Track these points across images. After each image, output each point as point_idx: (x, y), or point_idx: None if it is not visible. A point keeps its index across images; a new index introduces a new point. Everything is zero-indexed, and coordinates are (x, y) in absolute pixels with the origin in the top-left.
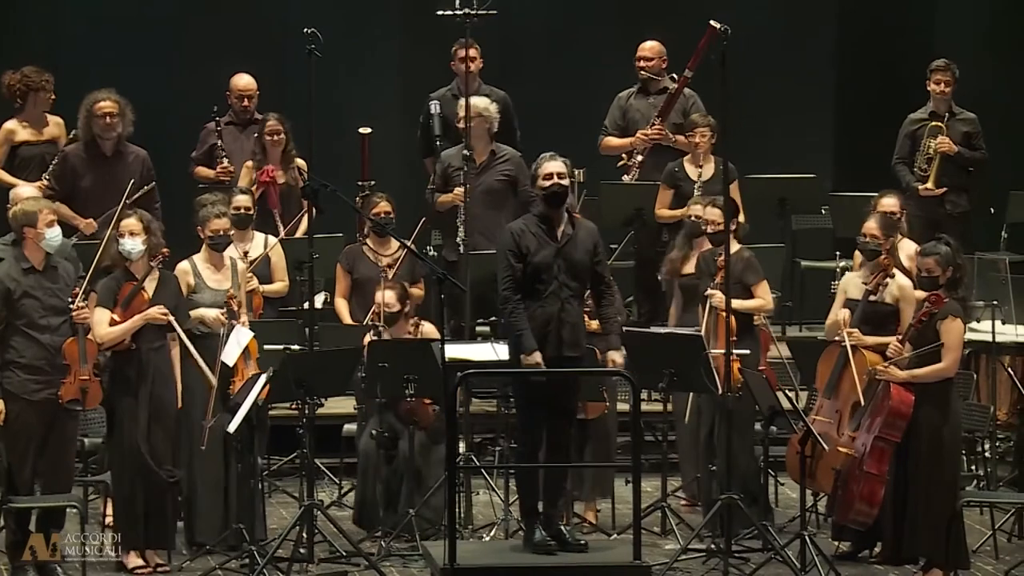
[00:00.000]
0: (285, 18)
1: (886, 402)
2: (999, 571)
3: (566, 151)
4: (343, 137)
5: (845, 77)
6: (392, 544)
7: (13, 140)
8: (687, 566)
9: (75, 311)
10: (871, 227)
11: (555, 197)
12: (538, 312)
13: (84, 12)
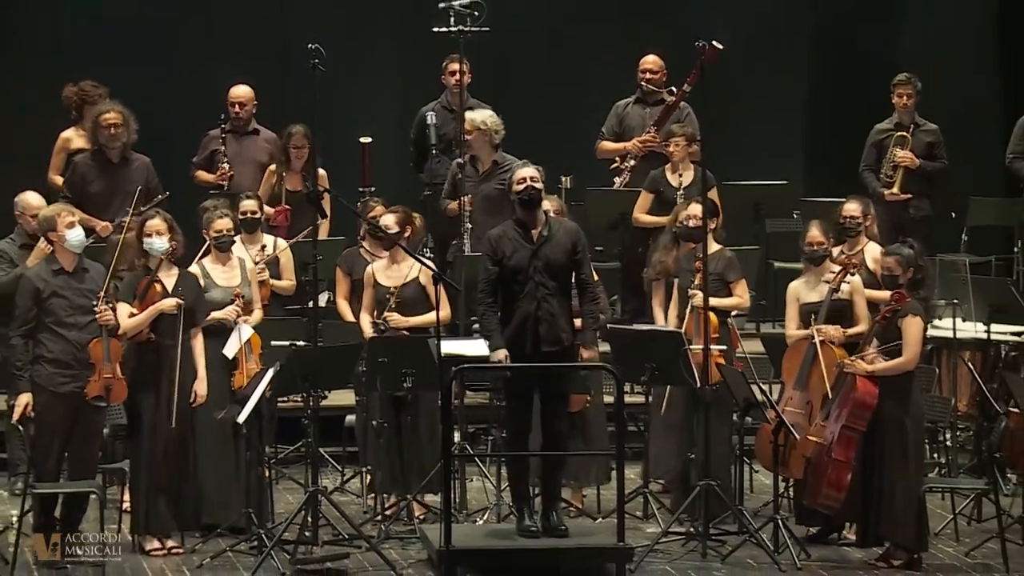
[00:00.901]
0: (287, 33)
1: (852, 394)
2: (959, 553)
3: (554, 159)
4: (343, 146)
5: (816, 91)
6: (392, 527)
7: (69, 148)
8: (667, 548)
9: (98, 312)
10: (814, 235)
11: (528, 200)
12: (516, 310)
13: (86, 15)
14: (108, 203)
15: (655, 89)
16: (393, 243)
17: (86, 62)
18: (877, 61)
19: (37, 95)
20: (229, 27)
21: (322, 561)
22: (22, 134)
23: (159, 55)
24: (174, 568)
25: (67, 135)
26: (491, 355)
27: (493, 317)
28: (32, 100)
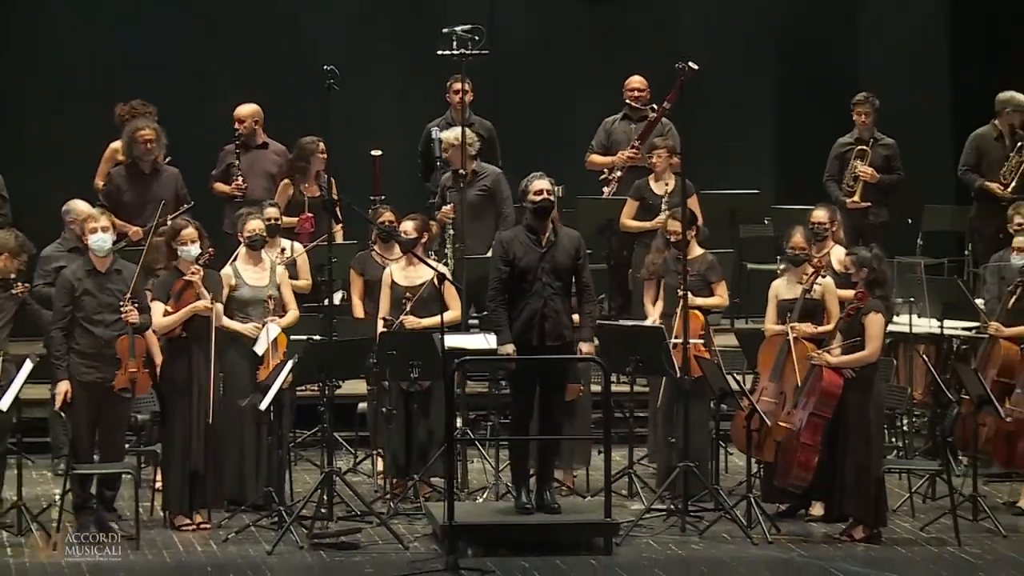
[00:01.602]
0: (300, 55)
1: (819, 384)
2: (915, 528)
3: (548, 169)
4: (354, 158)
5: (785, 109)
6: (400, 505)
7: (116, 158)
8: (650, 523)
9: (124, 312)
10: (798, 241)
11: (542, 211)
12: (525, 307)
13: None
14: (141, 210)
15: (639, 107)
16: (412, 247)
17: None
18: (839, 81)
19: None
20: (251, 53)
21: (336, 535)
22: (68, 146)
23: (188, 79)
24: (202, 542)
25: (116, 146)
26: (500, 348)
27: (503, 313)
28: (76, 116)
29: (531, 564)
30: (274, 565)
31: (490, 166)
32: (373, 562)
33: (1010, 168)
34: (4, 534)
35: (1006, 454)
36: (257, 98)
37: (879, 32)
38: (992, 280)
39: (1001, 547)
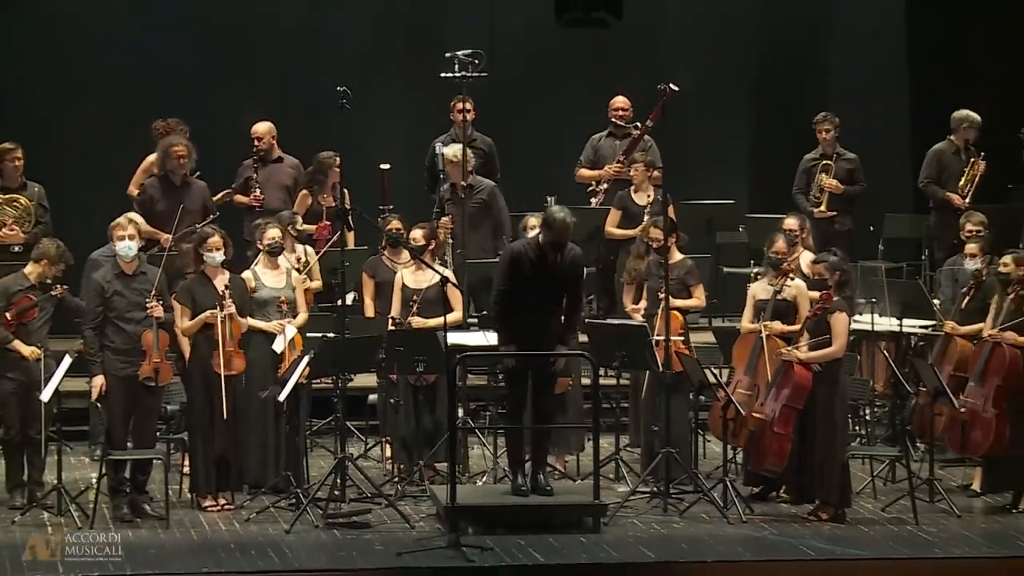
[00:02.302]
0: (316, 78)
1: (791, 378)
2: (877, 508)
3: (541, 181)
4: (365, 172)
5: (757, 126)
6: (406, 487)
7: (152, 170)
8: (635, 505)
9: (149, 308)
10: (780, 247)
11: (558, 240)
12: (525, 314)
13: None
14: (172, 219)
15: (623, 124)
16: (420, 253)
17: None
18: (808, 103)
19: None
20: (271, 74)
21: (348, 515)
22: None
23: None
24: (226, 521)
25: (152, 159)
26: (506, 361)
27: (504, 316)
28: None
29: (526, 542)
30: (292, 542)
31: (486, 180)
32: (382, 539)
33: (967, 180)
34: (45, 514)
35: (960, 441)
36: (275, 116)
37: (843, 59)
38: (947, 283)
39: (955, 526)
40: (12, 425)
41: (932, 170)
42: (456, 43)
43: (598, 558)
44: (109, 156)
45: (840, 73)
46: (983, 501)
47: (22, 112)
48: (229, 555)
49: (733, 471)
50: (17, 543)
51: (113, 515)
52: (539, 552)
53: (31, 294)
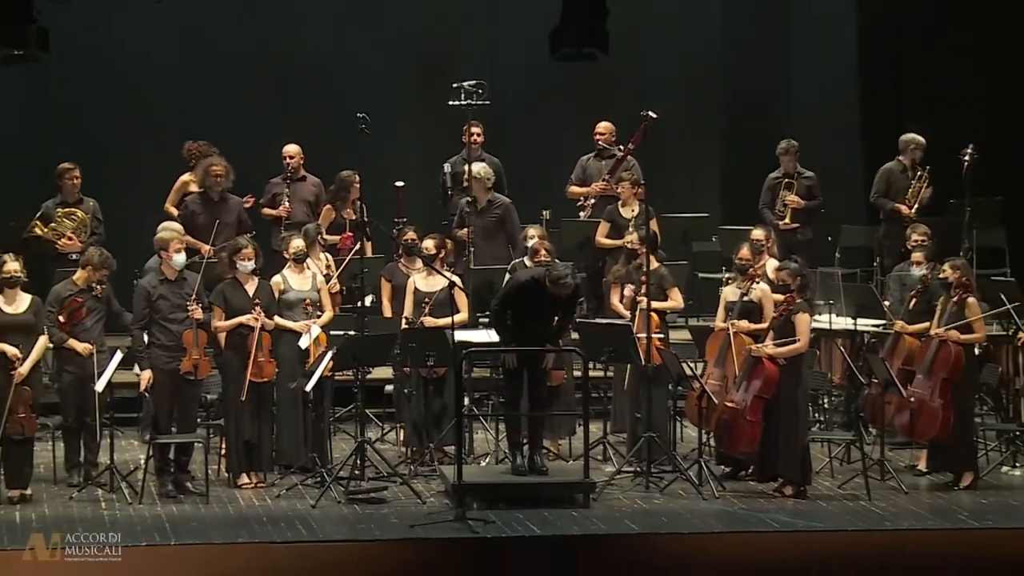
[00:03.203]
0: (338, 105)
1: (760, 371)
2: (834, 486)
3: (537, 197)
4: (382, 188)
5: (728, 149)
6: (418, 467)
7: (187, 189)
8: (620, 483)
9: (190, 310)
10: (745, 253)
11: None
12: (526, 322)
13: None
14: (209, 231)
15: (608, 147)
16: (432, 261)
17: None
18: (772, 127)
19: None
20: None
21: (367, 492)
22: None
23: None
24: (259, 497)
25: (186, 178)
26: (505, 358)
27: (505, 326)
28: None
29: (524, 515)
30: (317, 516)
31: (503, 197)
32: (397, 513)
33: (912, 193)
34: (99, 491)
35: (908, 427)
36: (303, 139)
37: (803, 89)
38: (895, 287)
39: (903, 501)
40: (70, 412)
41: (882, 186)
42: (462, 74)
43: (588, 530)
44: (155, 174)
45: (800, 102)
46: (928, 480)
47: (80, 135)
48: (262, 527)
49: (707, 453)
50: (74, 517)
51: (159, 492)
52: (535, 524)
53: (78, 297)
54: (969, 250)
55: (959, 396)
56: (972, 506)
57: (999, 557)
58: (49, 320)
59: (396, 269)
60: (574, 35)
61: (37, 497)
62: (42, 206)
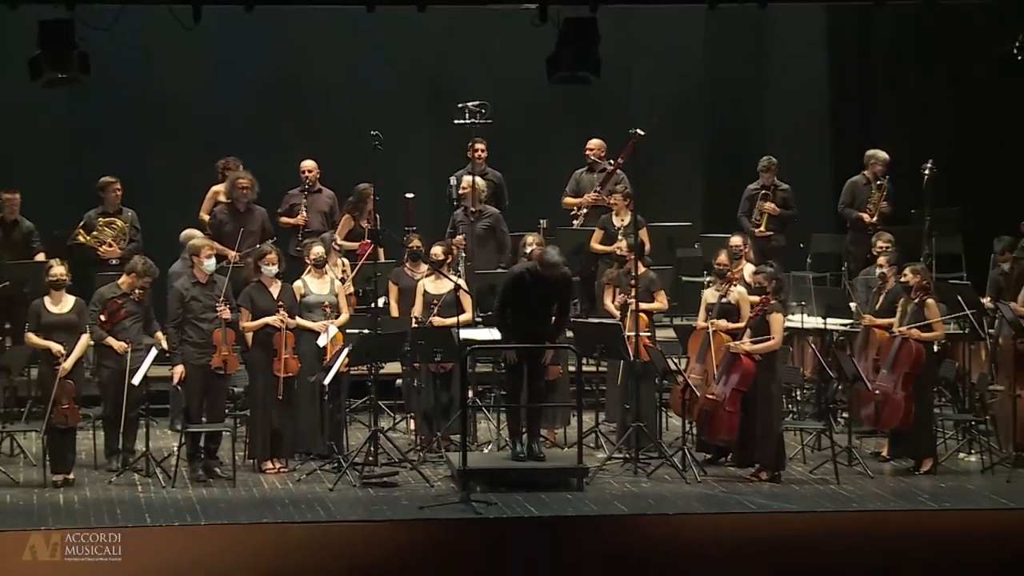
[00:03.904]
0: (354, 124)
1: (738, 366)
2: (806, 471)
3: (535, 207)
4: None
5: (709, 163)
6: (427, 454)
7: (216, 198)
8: (611, 468)
9: (219, 311)
10: (723, 259)
11: (550, 272)
12: (524, 318)
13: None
14: (235, 239)
15: (599, 161)
16: (439, 267)
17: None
18: (750, 144)
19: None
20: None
21: (380, 476)
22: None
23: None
24: (281, 481)
25: (216, 189)
26: (506, 355)
27: (506, 321)
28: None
29: (523, 497)
30: (334, 498)
31: (493, 208)
32: (407, 496)
33: (873, 203)
34: (136, 476)
35: (873, 417)
36: (321, 155)
37: (778, 110)
38: (862, 289)
39: (869, 485)
40: (109, 404)
41: (847, 197)
42: (466, 95)
43: (581, 511)
44: (187, 187)
45: (775, 121)
46: (891, 465)
47: (122, 152)
48: (284, 508)
49: (690, 441)
50: (113, 499)
51: (190, 476)
52: (533, 506)
53: (120, 300)
54: (929, 256)
55: (919, 389)
56: (931, 489)
57: (956, 536)
58: (92, 318)
59: (402, 273)
60: (569, 60)
61: (79, 481)
62: (85, 216)
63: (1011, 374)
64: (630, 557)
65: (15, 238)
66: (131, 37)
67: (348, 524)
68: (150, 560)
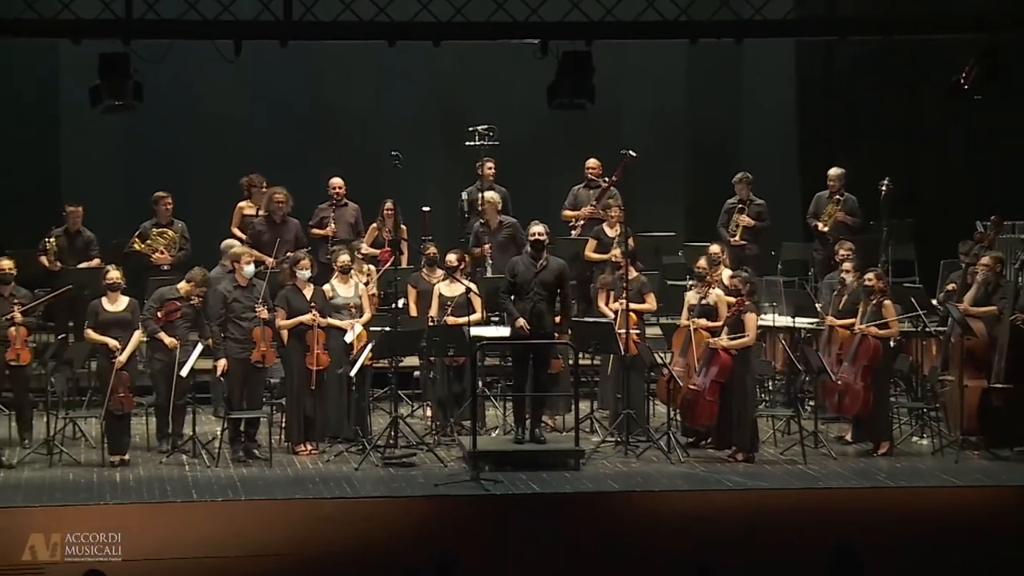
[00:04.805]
0: (377, 144)
1: (717, 360)
2: (777, 453)
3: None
4: (411, 212)
5: (691, 179)
6: (441, 438)
7: (243, 212)
8: (604, 450)
9: (257, 311)
10: (702, 264)
11: (537, 244)
12: (521, 306)
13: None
14: (272, 247)
15: (595, 179)
16: (453, 272)
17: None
18: (729, 162)
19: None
20: (342, 141)
21: (400, 457)
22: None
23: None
24: (312, 461)
25: (242, 205)
26: (516, 322)
27: (511, 304)
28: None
29: (527, 476)
30: (359, 476)
31: (511, 218)
32: (424, 475)
33: (828, 214)
34: (183, 457)
35: (837, 405)
36: (347, 173)
37: (754, 131)
38: (826, 292)
39: (832, 465)
40: (161, 392)
41: (812, 208)
42: (476, 120)
43: (578, 488)
44: (230, 201)
45: (749, 143)
46: (853, 448)
47: (170, 169)
48: (315, 485)
49: (674, 426)
50: (163, 477)
51: (232, 457)
52: (535, 484)
53: (178, 302)
54: (885, 262)
55: (877, 380)
56: (888, 469)
57: (909, 510)
58: (148, 313)
59: (420, 277)
60: (567, 89)
61: (133, 462)
62: (140, 226)
63: (958, 367)
64: (621, 529)
65: (78, 246)
66: (179, 69)
67: (371, 499)
68: (196, 531)
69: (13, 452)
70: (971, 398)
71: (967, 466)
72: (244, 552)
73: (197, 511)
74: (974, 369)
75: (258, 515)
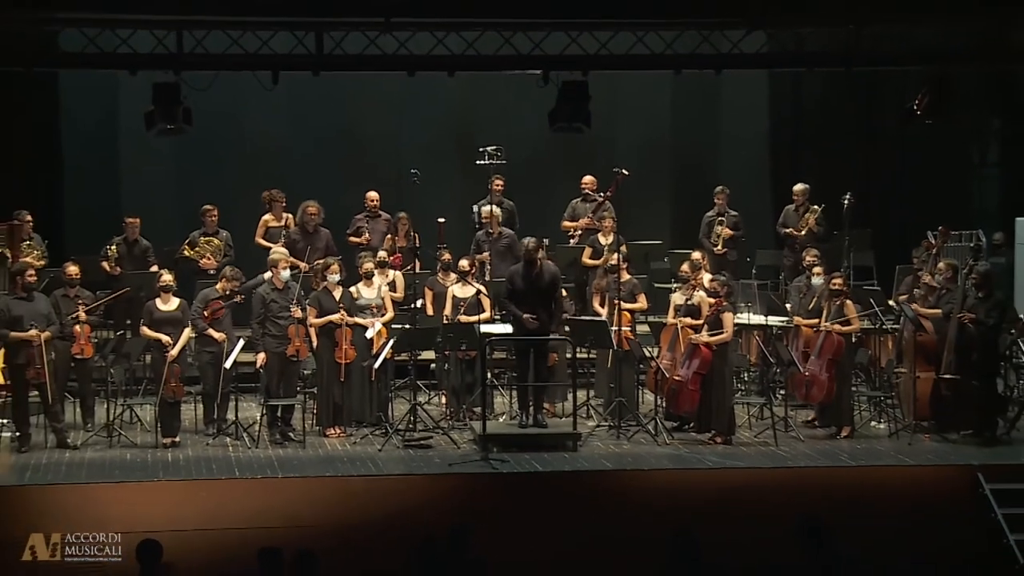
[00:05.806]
0: (397, 163)
1: (698, 354)
2: (751, 436)
3: (539, 230)
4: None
5: (676, 194)
6: (455, 422)
7: (267, 224)
8: (599, 433)
9: (292, 311)
10: (686, 269)
11: (529, 260)
12: (522, 309)
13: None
14: (305, 254)
15: (591, 193)
16: (465, 276)
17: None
18: (708, 178)
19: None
20: (364, 161)
21: (418, 440)
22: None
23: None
24: (340, 444)
25: (265, 218)
26: (523, 317)
27: (515, 308)
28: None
29: (530, 456)
30: (383, 457)
31: (509, 230)
32: (439, 455)
33: (802, 223)
34: (227, 439)
35: (804, 394)
36: (371, 188)
37: (731, 151)
38: (794, 294)
39: (801, 447)
40: (208, 382)
41: (782, 219)
42: (485, 141)
43: (575, 467)
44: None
45: (727, 163)
46: (818, 431)
47: (217, 186)
48: (343, 465)
49: (661, 412)
50: (210, 457)
51: (269, 439)
52: (538, 463)
53: (220, 300)
54: (847, 267)
55: (840, 371)
56: (850, 450)
57: (868, 487)
58: (196, 313)
59: (436, 281)
60: (566, 114)
61: (183, 444)
62: (189, 235)
63: (912, 360)
64: (614, 503)
65: (135, 253)
66: (224, 96)
67: (393, 477)
68: (240, 504)
69: (77, 435)
70: (923, 388)
71: (919, 448)
72: (281, 523)
73: (239, 487)
74: (925, 362)
75: (293, 490)
